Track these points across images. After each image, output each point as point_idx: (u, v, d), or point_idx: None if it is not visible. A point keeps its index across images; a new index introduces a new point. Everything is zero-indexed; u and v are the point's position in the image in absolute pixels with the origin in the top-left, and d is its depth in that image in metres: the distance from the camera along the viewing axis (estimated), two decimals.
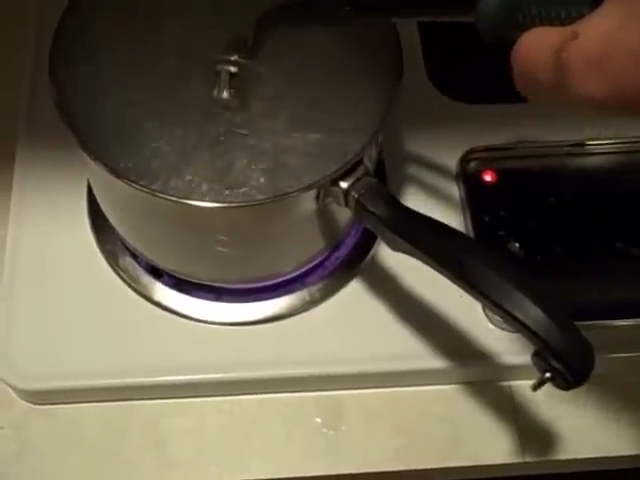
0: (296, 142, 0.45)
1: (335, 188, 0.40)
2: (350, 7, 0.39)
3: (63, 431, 0.48)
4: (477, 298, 0.36)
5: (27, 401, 0.48)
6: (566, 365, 0.33)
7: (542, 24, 0.28)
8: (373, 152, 0.44)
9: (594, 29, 0.25)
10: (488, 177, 0.54)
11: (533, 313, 0.34)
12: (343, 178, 0.40)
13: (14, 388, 0.48)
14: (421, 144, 0.56)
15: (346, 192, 0.40)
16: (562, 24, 0.27)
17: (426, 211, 0.40)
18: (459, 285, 0.37)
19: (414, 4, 0.36)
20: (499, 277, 0.35)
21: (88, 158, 0.40)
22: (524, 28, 0.28)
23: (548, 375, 0.34)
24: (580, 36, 0.25)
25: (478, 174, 0.54)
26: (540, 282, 0.36)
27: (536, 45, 0.27)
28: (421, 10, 0.36)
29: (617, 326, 0.49)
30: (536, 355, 0.34)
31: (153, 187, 0.39)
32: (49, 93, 0.41)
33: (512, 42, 0.28)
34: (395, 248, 0.40)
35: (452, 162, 0.55)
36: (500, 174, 0.54)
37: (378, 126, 0.42)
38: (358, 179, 0.40)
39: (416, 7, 0.36)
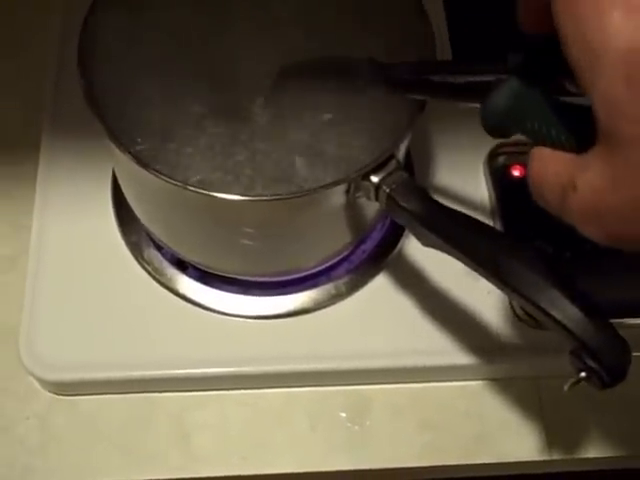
0: (327, 140, 0.45)
1: (366, 182, 0.40)
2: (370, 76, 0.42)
3: (86, 422, 0.48)
4: (511, 295, 0.36)
5: (51, 392, 0.48)
6: (602, 364, 0.33)
7: (543, 141, 0.29)
8: (404, 147, 0.43)
9: (587, 184, 0.26)
10: (516, 172, 0.53)
11: (569, 311, 0.33)
12: (375, 172, 0.40)
13: (38, 379, 0.48)
14: (449, 138, 0.55)
15: (377, 186, 0.40)
16: (563, 146, 0.28)
17: (454, 206, 0.39)
18: (492, 282, 0.36)
19: (430, 87, 0.38)
20: (534, 274, 0.34)
21: (116, 149, 0.40)
22: (526, 134, 0.29)
23: (584, 374, 0.33)
24: (577, 188, 0.26)
25: (506, 169, 0.54)
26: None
27: (543, 173, 0.28)
28: (434, 92, 0.38)
29: None
30: (572, 354, 0.34)
31: (181, 180, 0.39)
32: (76, 83, 0.41)
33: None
34: (426, 243, 0.40)
35: (480, 157, 0.54)
36: None
37: (410, 121, 0.41)
38: (389, 173, 0.40)
39: (430, 90, 0.38)
